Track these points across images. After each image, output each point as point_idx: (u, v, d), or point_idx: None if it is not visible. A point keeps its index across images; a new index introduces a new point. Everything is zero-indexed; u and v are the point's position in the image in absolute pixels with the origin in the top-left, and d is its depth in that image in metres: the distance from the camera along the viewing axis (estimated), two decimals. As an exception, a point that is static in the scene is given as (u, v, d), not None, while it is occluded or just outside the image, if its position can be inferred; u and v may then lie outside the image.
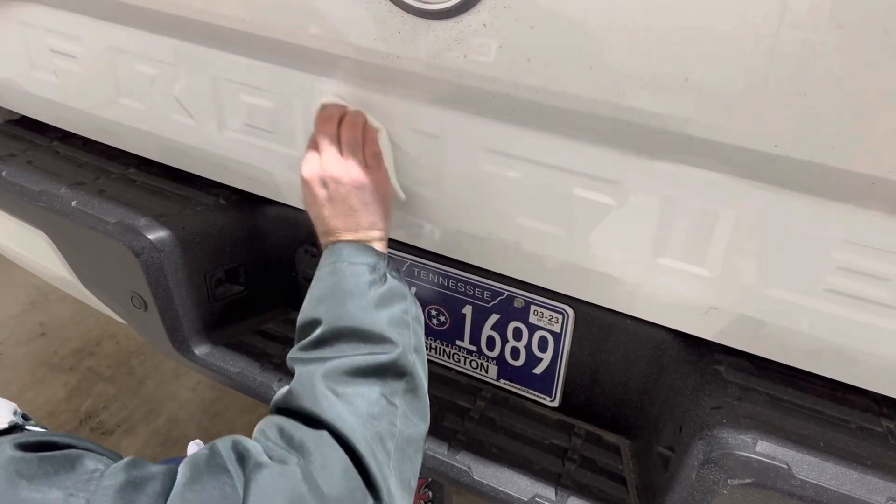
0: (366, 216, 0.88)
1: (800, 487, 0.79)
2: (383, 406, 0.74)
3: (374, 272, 0.84)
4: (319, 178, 0.88)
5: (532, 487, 1.01)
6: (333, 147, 0.89)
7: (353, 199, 0.87)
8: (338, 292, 0.81)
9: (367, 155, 0.91)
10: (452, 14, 0.78)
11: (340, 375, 0.74)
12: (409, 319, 0.84)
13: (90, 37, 1.15)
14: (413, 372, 0.80)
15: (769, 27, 0.65)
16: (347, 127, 0.91)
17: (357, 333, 0.78)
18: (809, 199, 0.75)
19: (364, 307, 0.80)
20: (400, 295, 0.85)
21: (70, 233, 1.20)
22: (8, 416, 0.61)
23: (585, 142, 0.82)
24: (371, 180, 0.89)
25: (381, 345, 0.78)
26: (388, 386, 0.76)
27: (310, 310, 0.83)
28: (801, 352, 0.86)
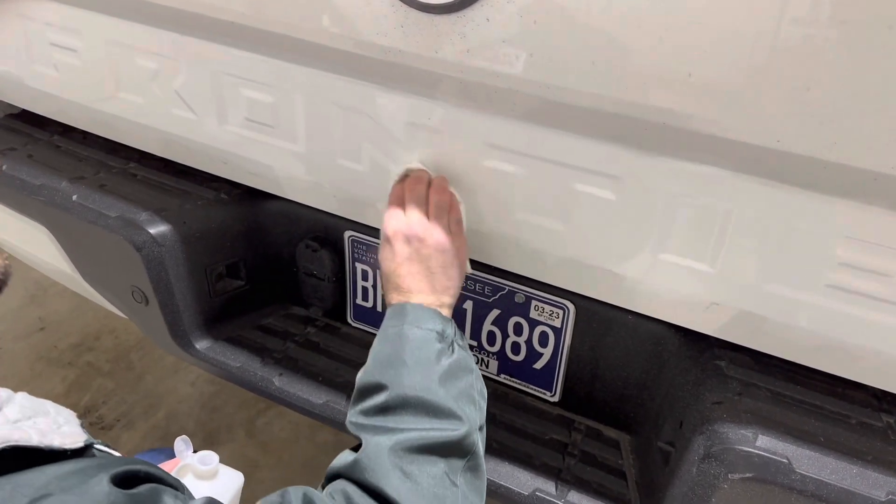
0: (442, 280, 0.87)
1: (800, 482, 0.79)
2: (446, 486, 0.73)
3: (443, 341, 0.82)
4: (404, 235, 0.87)
5: (532, 482, 1.01)
6: (422, 208, 0.89)
7: (434, 261, 0.87)
8: (405, 358, 0.79)
9: (451, 220, 0.91)
10: (455, 9, 0.78)
11: (407, 452, 0.72)
12: (476, 395, 0.83)
13: (90, 30, 1.14)
14: (476, 451, 0.78)
15: (772, 23, 0.65)
16: (436, 190, 0.92)
17: (424, 406, 0.76)
18: (811, 194, 0.75)
19: (432, 378, 0.78)
20: (467, 368, 0.83)
21: (71, 227, 1.20)
22: (80, 431, 0.60)
23: (587, 137, 0.82)
24: (454, 246, 0.89)
25: (448, 420, 0.76)
26: (451, 464, 0.75)
27: (374, 372, 0.81)
28: (803, 348, 0.86)
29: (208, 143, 1.14)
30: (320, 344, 1.26)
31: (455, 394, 0.79)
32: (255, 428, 2.12)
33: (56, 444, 0.56)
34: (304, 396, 1.14)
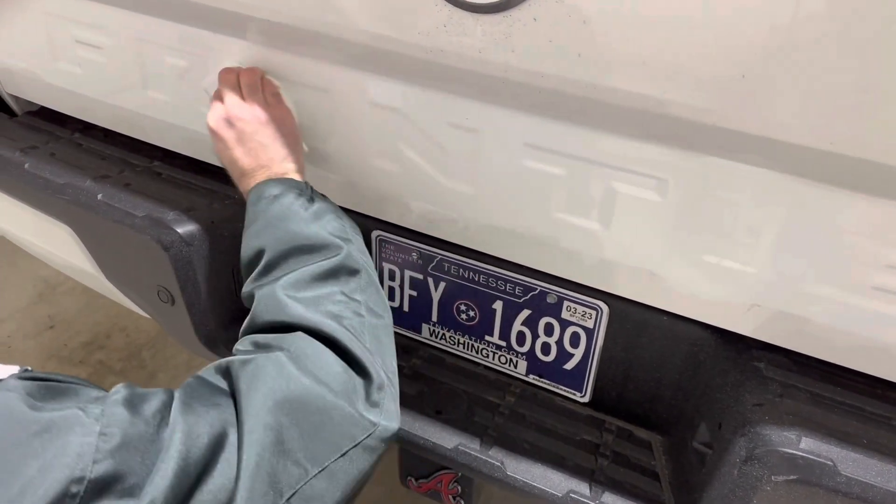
0: (277, 150, 0.92)
1: (845, 484, 0.79)
2: (347, 301, 0.77)
3: (301, 196, 0.86)
4: (224, 120, 0.92)
5: (566, 483, 1.01)
6: (235, 92, 0.94)
7: (261, 134, 0.91)
8: (273, 221, 0.83)
9: (266, 94, 0.96)
10: (502, 8, 0.77)
11: (299, 285, 0.76)
12: (346, 227, 0.87)
13: (118, 28, 1.13)
14: (365, 268, 0.83)
15: (828, 24, 0.65)
16: (245, 73, 0.97)
17: (302, 248, 0.80)
18: (860, 196, 0.75)
19: (301, 224, 0.82)
20: (331, 209, 0.88)
21: (96, 226, 1.19)
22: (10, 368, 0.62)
23: (635, 139, 0.81)
24: (275, 115, 0.94)
25: (327, 250, 0.80)
26: (345, 285, 0.79)
27: (250, 244, 0.85)
28: (845, 349, 0.86)
29: (237, 142, 1.13)
30: (346, 344, 1.25)
31: (326, 230, 0.83)
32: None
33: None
34: (334, 397, 1.13)
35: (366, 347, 0.74)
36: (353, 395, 0.69)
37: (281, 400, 0.64)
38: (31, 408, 0.54)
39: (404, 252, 1.18)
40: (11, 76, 1.37)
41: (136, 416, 0.58)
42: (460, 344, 1.22)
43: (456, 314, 1.19)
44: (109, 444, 0.55)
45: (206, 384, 0.67)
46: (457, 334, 1.22)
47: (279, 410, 0.63)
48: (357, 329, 0.74)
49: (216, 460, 0.60)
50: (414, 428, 1.07)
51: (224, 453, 0.60)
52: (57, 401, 0.57)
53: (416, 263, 1.18)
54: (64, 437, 0.53)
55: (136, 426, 0.57)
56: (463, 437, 1.07)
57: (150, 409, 0.60)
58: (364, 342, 0.74)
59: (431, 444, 1.06)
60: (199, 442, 0.59)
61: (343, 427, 0.67)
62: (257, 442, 0.61)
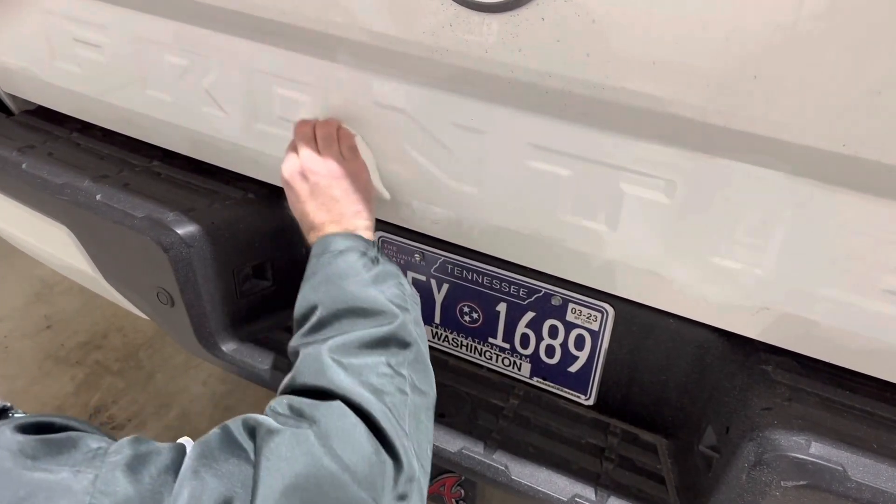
0: (348, 205, 0.90)
1: (856, 490, 0.78)
2: (392, 375, 0.73)
3: (366, 256, 0.84)
4: (299, 173, 0.91)
5: (571, 487, 1.00)
6: (310, 145, 0.93)
7: (335, 189, 0.90)
8: (332, 278, 0.81)
9: (342, 148, 0.95)
10: (509, 7, 0.76)
11: (346, 349, 0.73)
12: (406, 295, 0.84)
13: (117, 27, 1.12)
14: (417, 342, 0.80)
15: (841, 23, 0.64)
16: (321, 126, 0.96)
17: (356, 311, 0.77)
18: (871, 198, 0.74)
19: (360, 286, 0.80)
20: (394, 273, 0.86)
21: (95, 227, 1.17)
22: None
23: (643, 139, 0.80)
24: (349, 170, 0.92)
25: (381, 317, 0.78)
26: (394, 356, 0.76)
27: (306, 298, 0.82)
28: (855, 352, 0.85)
29: (238, 142, 1.12)
30: (348, 346, 1.24)
31: (384, 295, 0.80)
32: (268, 428, 2.10)
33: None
34: (336, 400, 1.12)
35: (403, 430, 0.69)
36: (380, 481, 0.64)
37: (299, 484, 0.58)
38: (21, 467, 0.51)
39: (407, 253, 1.17)
40: (9, 75, 1.35)
41: (133, 483, 0.54)
42: (463, 346, 1.21)
43: (459, 316, 1.18)
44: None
45: (229, 442, 0.61)
46: (460, 336, 1.21)
47: (294, 495, 0.58)
48: (398, 408, 0.70)
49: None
50: (417, 431, 1.06)
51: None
52: (51, 457, 0.53)
53: (419, 265, 1.17)
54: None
55: (130, 497, 0.53)
56: (466, 441, 1.06)
57: (151, 474, 0.55)
58: (402, 423, 0.70)
59: (435, 447, 1.04)
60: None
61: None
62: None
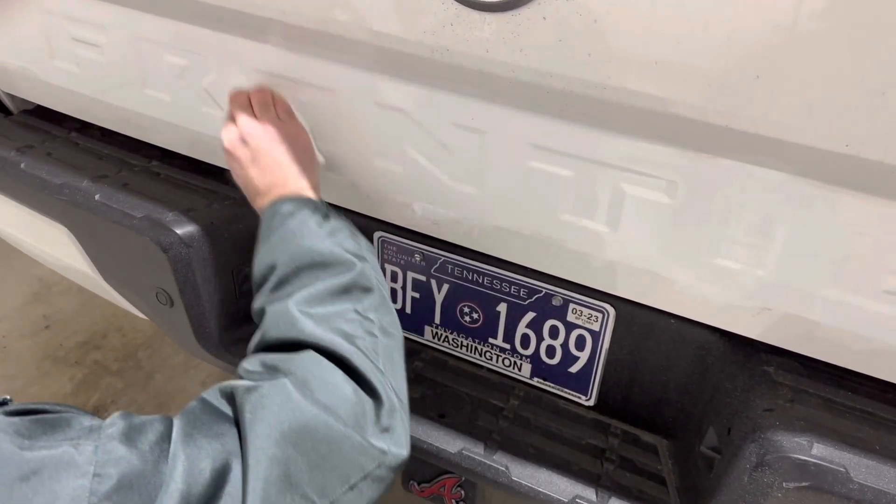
0: (291, 167, 0.90)
1: (858, 491, 0.78)
2: (360, 320, 0.75)
3: (317, 213, 0.85)
4: (239, 140, 0.91)
5: (572, 488, 1.00)
6: (247, 111, 0.93)
7: (276, 152, 0.90)
8: (286, 236, 0.82)
9: (279, 111, 0.95)
10: (511, 7, 0.75)
11: (312, 301, 0.74)
12: (361, 245, 0.85)
13: (116, 26, 1.11)
14: (379, 287, 0.81)
15: (845, 23, 0.64)
16: (256, 92, 0.97)
17: (316, 264, 0.78)
18: (872, 199, 0.74)
19: (316, 240, 0.80)
20: (346, 226, 0.86)
21: (94, 227, 1.17)
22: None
23: (645, 140, 0.80)
24: (288, 132, 0.93)
25: (341, 266, 0.79)
26: (359, 302, 0.77)
27: (262, 260, 0.82)
28: (858, 353, 0.85)
29: (238, 141, 1.11)
30: (348, 346, 1.24)
31: (339, 245, 0.81)
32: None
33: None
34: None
35: (378, 368, 0.71)
36: (363, 419, 0.66)
37: (287, 431, 0.61)
38: (19, 447, 0.51)
39: (407, 253, 1.16)
40: (7, 74, 1.35)
41: (132, 450, 0.55)
42: (463, 346, 1.21)
43: (459, 316, 1.18)
44: (105, 486, 0.52)
45: (210, 410, 0.63)
46: (460, 337, 1.20)
47: (285, 442, 0.60)
48: (370, 349, 0.72)
49: (219, 495, 0.56)
50: (417, 432, 1.05)
51: (227, 487, 0.57)
52: (47, 436, 0.54)
53: (419, 265, 1.16)
54: (55, 480, 0.51)
55: (133, 463, 0.54)
56: (466, 441, 1.05)
57: (149, 442, 0.57)
58: (377, 363, 0.71)
59: (435, 448, 1.04)
60: (201, 477, 0.56)
61: (352, 458, 0.64)
62: (262, 476, 0.58)
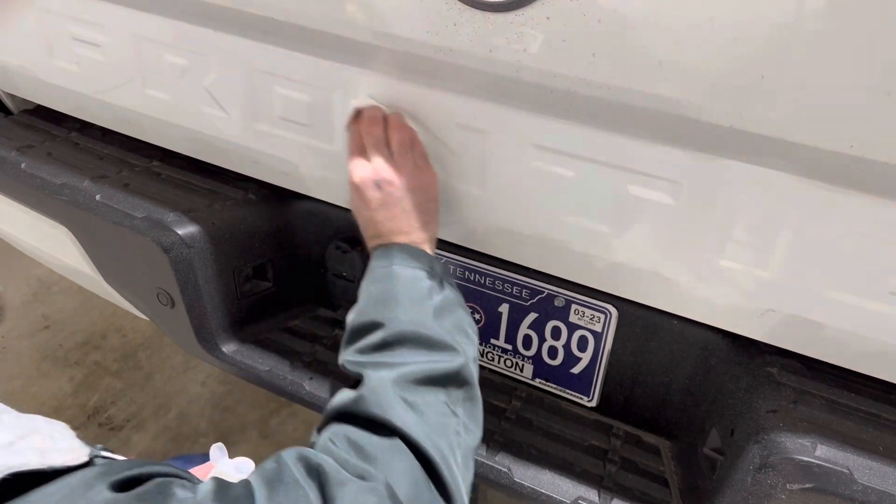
0: (418, 218, 0.87)
1: (862, 493, 0.78)
2: (448, 415, 0.74)
3: (432, 277, 0.82)
4: (372, 181, 0.86)
5: (574, 490, 1.00)
6: (384, 150, 0.88)
7: (407, 201, 0.86)
8: (398, 296, 0.79)
9: (416, 156, 0.90)
10: (514, 7, 0.75)
11: (410, 384, 0.73)
12: (468, 328, 0.83)
13: (116, 25, 1.11)
14: (473, 381, 0.79)
15: (850, 25, 0.63)
16: (396, 129, 0.90)
17: (421, 340, 0.77)
18: (877, 200, 0.73)
19: (426, 314, 0.79)
20: (458, 303, 0.84)
21: (94, 228, 1.17)
22: (79, 445, 0.58)
23: (648, 140, 0.79)
24: (422, 182, 0.88)
25: (445, 353, 0.77)
26: (450, 395, 0.76)
27: (368, 312, 0.81)
28: (861, 355, 0.85)
29: (239, 141, 1.11)
30: (349, 347, 1.23)
31: (449, 327, 0.80)
32: (268, 428, 2.09)
33: (58, 462, 0.53)
34: (337, 401, 1.12)
35: (457, 475, 0.70)
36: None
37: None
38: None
39: (409, 254, 1.16)
40: (7, 74, 1.35)
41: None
42: (465, 347, 1.20)
43: (461, 317, 1.18)
44: None
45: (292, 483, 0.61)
46: (462, 337, 1.20)
47: None
48: (453, 450, 0.71)
49: None
50: (419, 433, 1.05)
51: None
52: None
53: (420, 266, 1.16)
54: None
55: None
56: (469, 443, 1.05)
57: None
58: (457, 468, 0.71)
59: (437, 449, 1.04)
60: None
61: None
62: None
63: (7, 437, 0.52)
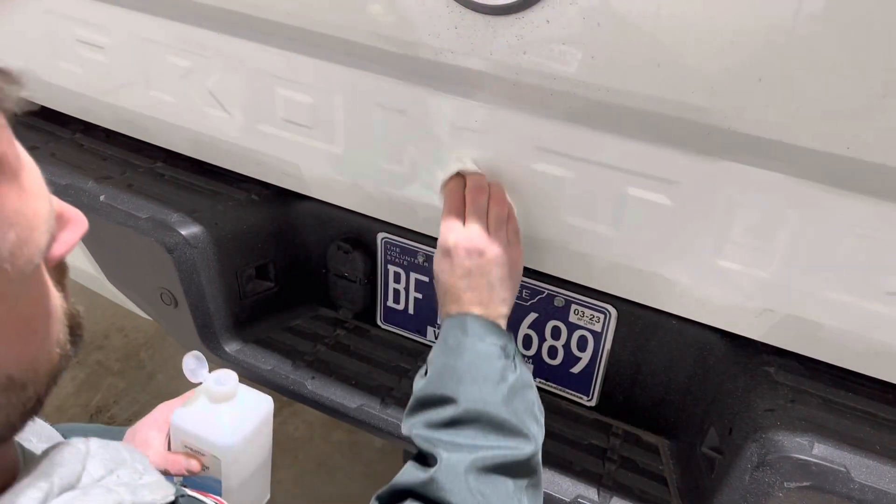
0: (501, 293, 0.86)
1: (859, 491, 0.79)
2: (514, 501, 0.73)
3: (506, 356, 0.81)
4: (465, 249, 0.86)
5: (574, 488, 1.01)
6: (483, 220, 0.88)
7: (493, 275, 0.85)
8: (473, 373, 0.78)
9: (510, 231, 0.90)
10: (515, 10, 0.76)
11: (481, 472, 0.72)
12: (537, 413, 0.82)
13: (119, 27, 1.12)
14: (540, 469, 0.79)
15: (845, 26, 0.64)
16: (496, 201, 0.90)
17: (493, 423, 0.76)
18: (876, 201, 0.74)
19: (499, 395, 0.77)
20: (529, 384, 0.83)
21: (98, 228, 1.18)
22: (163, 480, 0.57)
23: (646, 141, 0.80)
24: (511, 258, 0.88)
25: (516, 439, 0.76)
26: (517, 483, 0.75)
27: (439, 384, 0.80)
28: (859, 354, 0.85)
29: (242, 143, 1.12)
30: (351, 346, 1.24)
31: (520, 411, 0.79)
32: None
33: (147, 500, 0.52)
34: (338, 400, 1.13)
35: None
36: None
37: None
38: None
39: (410, 254, 1.17)
40: (11, 75, 1.35)
41: None
42: (466, 347, 1.21)
43: (462, 317, 1.18)
44: None
45: None
46: (462, 337, 1.21)
47: None
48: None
49: None
50: (420, 432, 1.06)
51: None
52: None
53: (421, 266, 1.17)
54: None
55: None
56: (469, 442, 1.06)
57: None
58: None
59: (438, 448, 1.05)
60: None
61: None
62: None
63: (99, 470, 0.51)
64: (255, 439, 0.98)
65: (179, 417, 0.96)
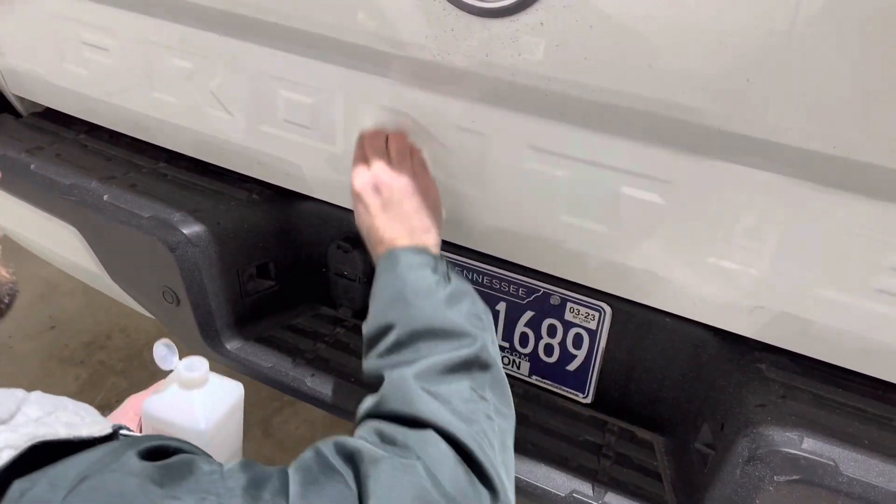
0: (419, 221, 0.89)
1: (847, 484, 0.80)
2: (476, 401, 0.73)
3: (437, 273, 0.83)
4: (372, 186, 0.89)
5: (569, 483, 1.02)
6: (383, 158, 0.91)
7: (406, 204, 0.88)
8: (406, 295, 0.80)
9: (414, 163, 0.93)
10: (509, 12, 0.78)
11: (430, 375, 0.72)
12: (480, 313, 0.83)
13: (124, 30, 1.14)
14: (496, 363, 0.79)
15: (835, 28, 0.66)
16: (394, 139, 0.94)
17: (435, 332, 0.77)
18: (863, 199, 0.76)
19: (436, 306, 0.79)
20: (467, 292, 0.85)
21: (102, 227, 1.19)
22: (104, 420, 0.59)
23: (638, 141, 0.82)
24: (421, 186, 0.91)
25: (461, 339, 0.77)
26: (475, 380, 0.75)
27: (379, 316, 0.81)
28: (849, 351, 0.87)
29: (243, 143, 1.14)
30: (350, 344, 1.26)
31: (458, 316, 0.79)
32: (271, 426, 2.12)
33: (84, 433, 0.54)
34: (338, 397, 1.14)
35: (494, 459, 0.68)
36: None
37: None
38: (154, 495, 0.51)
39: (408, 253, 1.18)
40: (17, 77, 1.38)
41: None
42: (464, 345, 1.23)
43: (459, 315, 1.20)
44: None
45: (326, 467, 0.61)
46: (460, 335, 1.22)
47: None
48: (487, 435, 0.70)
49: None
50: (418, 428, 1.07)
51: None
52: (175, 484, 0.53)
53: (420, 265, 1.18)
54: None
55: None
56: (466, 438, 1.07)
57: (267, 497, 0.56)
58: (493, 452, 0.69)
59: (435, 444, 1.06)
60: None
61: None
62: None
63: (36, 412, 0.54)
64: (227, 425, 0.97)
65: (151, 405, 0.95)
